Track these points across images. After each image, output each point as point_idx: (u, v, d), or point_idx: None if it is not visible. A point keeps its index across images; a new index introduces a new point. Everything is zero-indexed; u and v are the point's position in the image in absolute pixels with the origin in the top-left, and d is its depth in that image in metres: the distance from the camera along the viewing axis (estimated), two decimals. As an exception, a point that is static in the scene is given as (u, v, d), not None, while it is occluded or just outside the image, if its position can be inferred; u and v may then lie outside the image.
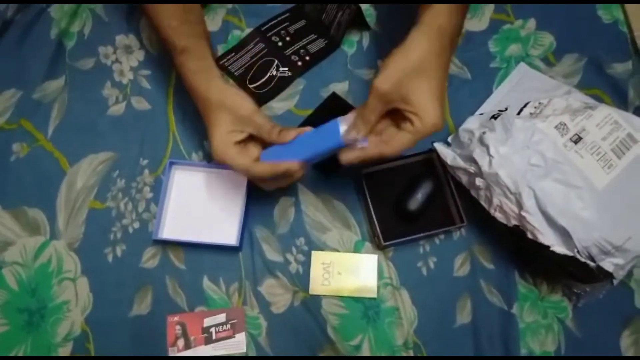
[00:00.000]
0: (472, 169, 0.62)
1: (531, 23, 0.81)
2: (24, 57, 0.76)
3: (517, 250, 0.68)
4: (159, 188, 0.70)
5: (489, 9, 0.81)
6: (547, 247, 0.57)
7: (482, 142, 0.61)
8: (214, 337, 0.66)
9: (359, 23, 0.79)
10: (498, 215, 0.61)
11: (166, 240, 0.67)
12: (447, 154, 0.65)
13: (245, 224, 0.69)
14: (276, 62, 0.78)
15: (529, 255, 0.66)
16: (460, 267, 0.69)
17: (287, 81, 0.77)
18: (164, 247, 0.69)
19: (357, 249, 0.70)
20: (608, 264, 0.56)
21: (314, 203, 0.71)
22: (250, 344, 0.66)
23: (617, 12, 0.81)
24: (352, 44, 0.80)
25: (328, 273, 0.68)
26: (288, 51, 0.79)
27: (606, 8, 0.81)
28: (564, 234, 0.56)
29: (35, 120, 0.74)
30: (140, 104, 0.76)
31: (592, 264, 0.56)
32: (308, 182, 0.72)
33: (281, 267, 0.68)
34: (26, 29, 0.78)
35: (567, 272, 0.60)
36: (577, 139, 0.59)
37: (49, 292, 0.67)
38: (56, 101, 0.75)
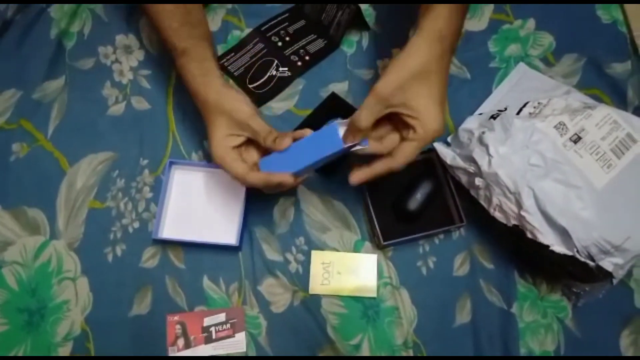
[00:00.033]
0: (471, 169, 0.62)
1: (530, 23, 0.81)
2: (24, 57, 0.76)
3: (517, 250, 0.68)
4: (158, 188, 0.71)
5: (489, 9, 0.82)
6: (546, 246, 0.57)
7: (481, 141, 0.61)
8: (213, 336, 0.66)
9: (359, 23, 0.79)
10: (497, 215, 0.61)
11: (166, 239, 0.67)
12: (447, 154, 0.65)
13: (245, 224, 0.69)
14: (276, 62, 0.78)
15: (528, 255, 0.66)
16: (460, 267, 0.69)
17: (287, 81, 0.77)
18: (164, 246, 0.69)
19: (356, 248, 0.70)
20: (607, 264, 0.56)
21: (313, 203, 0.71)
22: (250, 344, 0.66)
23: (617, 12, 0.81)
24: (352, 44, 0.80)
25: (328, 273, 0.68)
26: (288, 51, 0.79)
27: (605, 8, 0.81)
28: (564, 233, 0.56)
29: (35, 120, 0.74)
30: (140, 103, 0.76)
31: (591, 263, 0.57)
32: (308, 182, 0.72)
33: (281, 267, 0.68)
34: (26, 29, 0.78)
35: (566, 271, 0.60)
36: (577, 139, 0.59)
37: (48, 291, 0.67)
38: (56, 101, 0.75)
